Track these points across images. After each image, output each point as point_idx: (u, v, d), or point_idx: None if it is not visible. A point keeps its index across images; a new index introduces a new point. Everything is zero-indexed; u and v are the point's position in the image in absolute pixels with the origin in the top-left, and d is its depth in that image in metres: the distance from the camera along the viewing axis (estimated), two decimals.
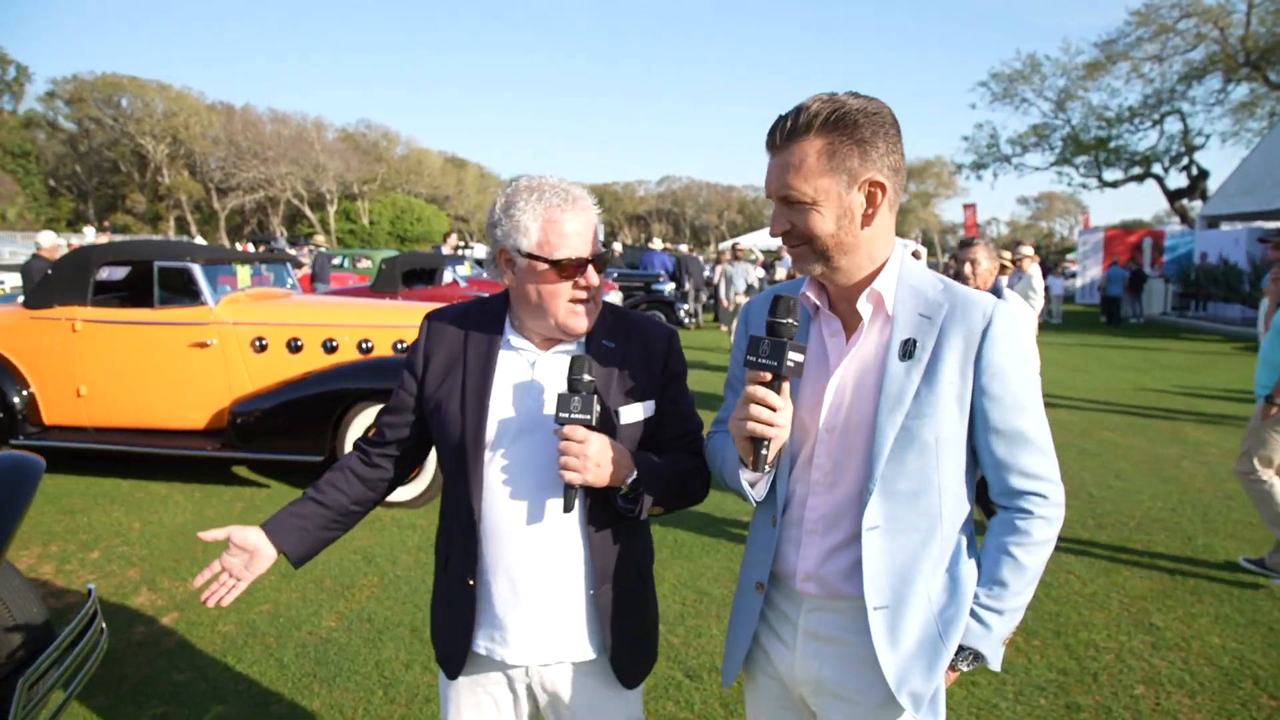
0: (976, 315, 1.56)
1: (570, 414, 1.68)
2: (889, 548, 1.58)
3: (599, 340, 1.86)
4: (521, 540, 1.80)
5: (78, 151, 63.15)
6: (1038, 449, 1.59)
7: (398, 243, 54.90)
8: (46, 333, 6.46)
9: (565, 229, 1.74)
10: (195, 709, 3.40)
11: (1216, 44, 31.59)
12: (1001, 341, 1.55)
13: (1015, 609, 1.62)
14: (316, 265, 16.77)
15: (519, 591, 1.81)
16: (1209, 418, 9.65)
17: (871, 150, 1.51)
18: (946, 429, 1.56)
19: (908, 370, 1.55)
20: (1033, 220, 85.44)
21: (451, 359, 1.87)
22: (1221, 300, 22.63)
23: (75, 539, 5.34)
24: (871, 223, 1.55)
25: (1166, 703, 3.52)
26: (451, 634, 1.88)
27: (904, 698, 1.58)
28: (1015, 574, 1.60)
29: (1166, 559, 5.13)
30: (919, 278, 1.62)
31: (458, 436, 1.81)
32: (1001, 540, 1.61)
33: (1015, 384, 1.56)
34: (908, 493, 1.57)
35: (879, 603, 1.58)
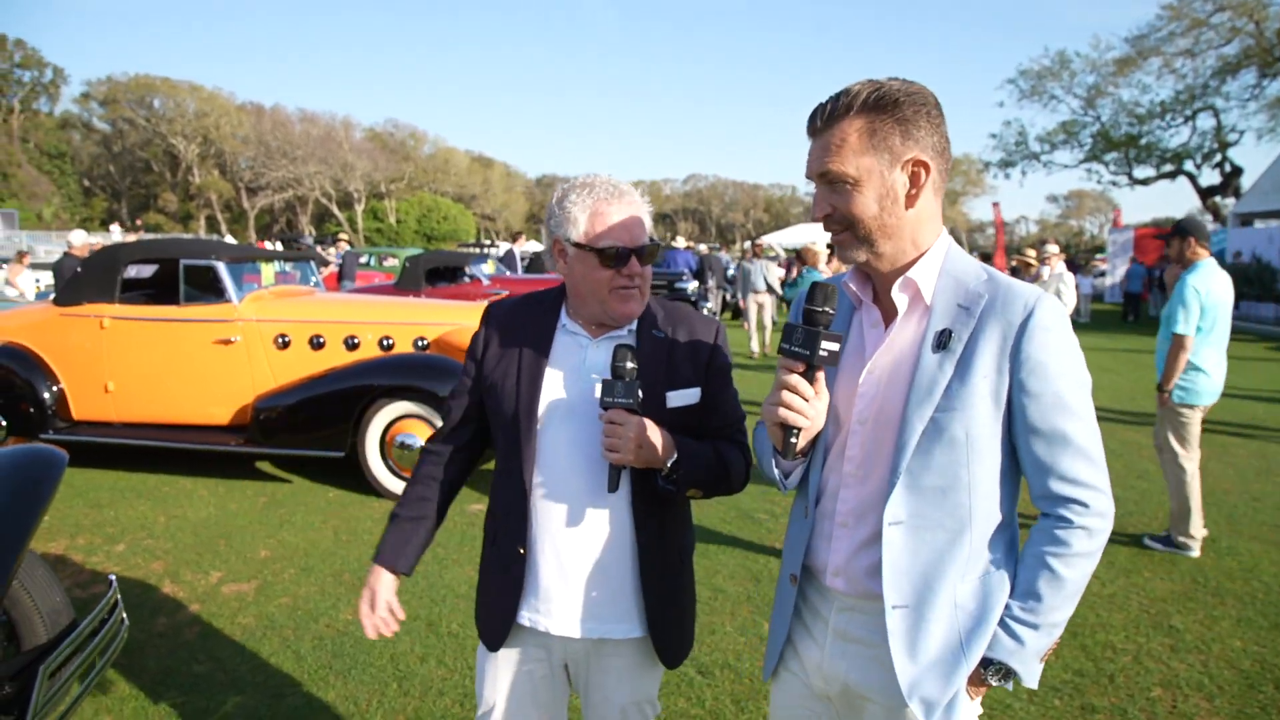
0: (1017, 307, 1.48)
1: (614, 398, 1.76)
2: (912, 545, 1.53)
3: (648, 329, 1.95)
4: (569, 514, 1.89)
5: (111, 152, 64.26)
6: (1080, 452, 1.49)
7: (424, 241, 55.32)
8: (76, 329, 6.58)
9: (611, 220, 1.84)
10: (213, 699, 3.46)
11: (1251, 38, 30.97)
12: (1042, 335, 1.47)
13: (1053, 624, 1.52)
14: (344, 264, 16.94)
15: (565, 564, 1.90)
16: (1237, 419, 9.50)
17: (914, 129, 1.48)
18: (978, 425, 1.49)
19: (940, 362, 1.50)
20: (1062, 219, 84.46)
21: (509, 342, 1.97)
22: (1254, 299, 22.25)
23: (102, 532, 5.44)
24: (915, 204, 1.52)
25: (1184, 705, 3.48)
26: (498, 603, 1.96)
27: (914, 703, 1.53)
28: (1052, 587, 1.50)
29: (1188, 561, 5.06)
30: (962, 267, 1.57)
31: (512, 412, 1.91)
32: (1039, 550, 1.52)
33: (1056, 381, 1.47)
34: (935, 489, 1.51)
35: (897, 601, 1.53)
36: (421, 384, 5.98)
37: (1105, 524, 1.52)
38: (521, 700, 2.02)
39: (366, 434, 6.10)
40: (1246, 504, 6.21)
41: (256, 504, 6.02)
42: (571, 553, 1.90)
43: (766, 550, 5.16)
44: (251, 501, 6.07)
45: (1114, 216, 34.81)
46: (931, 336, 1.52)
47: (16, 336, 6.69)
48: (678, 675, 3.65)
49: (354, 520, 5.66)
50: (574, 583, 1.90)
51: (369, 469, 6.15)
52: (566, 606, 1.91)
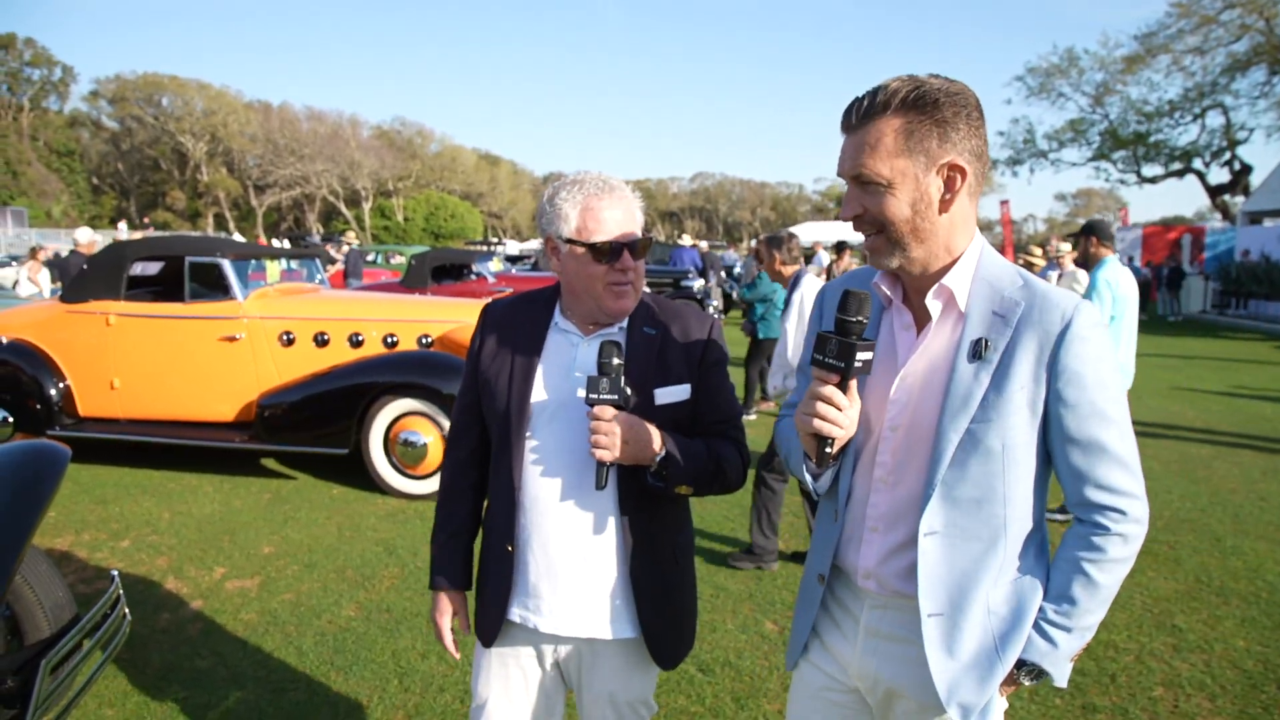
0: (1055, 316, 1.46)
1: (600, 395, 1.76)
2: (948, 555, 1.53)
3: (640, 326, 1.95)
4: (557, 511, 1.89)
5: (120, 150, 64.54)
6: (1117, 461, 1.48)
7: (431, 239, 55.42)
8: (82, 326, 6.62)
9: (602, 216, 1.84)
10: (215, 694, 3.47)
11: (1261, 35, 30.76)
12: (1079, 345, 1.45)
13: (1086, 627, 1.54)
14: (350, 262, 16.96)
15: (554, 562, 1.89)
16: (1244, 419, 9.46)
17: (952, 132, 1.44)
18: (1015, 436, 1.47)
19: (976, 372, 1.48)
20: (1070, 217, 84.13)
21: (503, 341, 1.98)
22: (1263, 298, 22.15)
23: (107, 528, 5.47)
24: (949, 209, 1.48)
25: (1186, 705, 3.47)
26: (491, 600, 1.97)
27: (953, 708, 1.53)
28: (1087, 591, 1.51)
29: (1193, 560, 5.05)
30: (998, 273, 1.53)
31: (503, 411, 1.92)
32: (1074, 555, 1.52)
33: (1093, 391, 1.46)
34: (970, 500, 1.51)
35: (933, 610, 1.53)
36: (425, 381, 5.99)
37: (1141, 530, 1.52)
38: (514, 697, 2.02)
39: (370, 431, 6.12)
40: (1253, 504, 6.18)
41: (261, 500, 6.04)
42: (560, 551, 1.89)
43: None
44: (256, 498, 6.10)
45: (1121, 215, 34.66)
46: (967, 345, 1.50)
47: (23, 333, 6.72)
48: (678, 673, 3.65)
49: (357, 517, 5.68)
50: (563, 581, 1.90)
51: (373, 466, 6.16)
52: (556, 605, 1.91)
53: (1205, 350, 16.23)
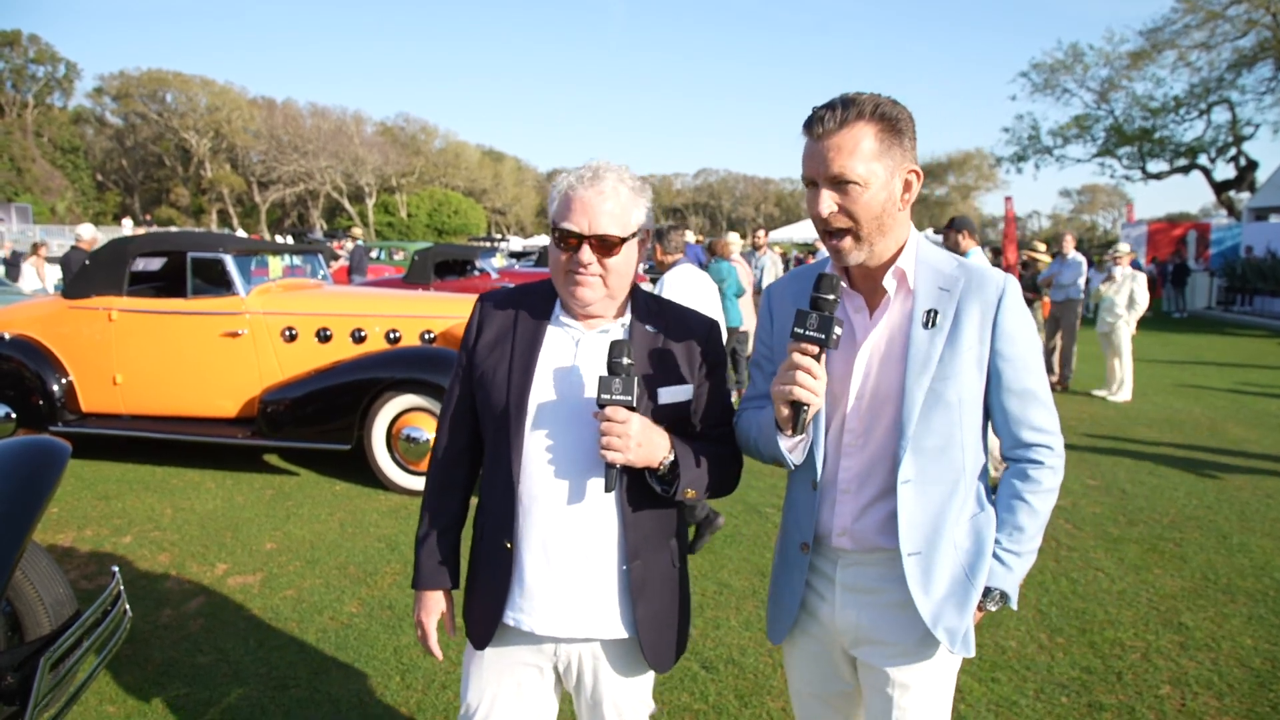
0: (991, 287, 1.72)
1: (612, 395, 1.73)
2: (920, 499, 1.74)
3: (640, 323, 1.93)
4: (557, 510, 1.85)
5: (124, 146, 64.57)
6: (1044, 405, 1.77)
7: (435, 235, 55.42)
8: (84, 322, 6.61)
9: (574, 204, 1.82)
10: (217, 691, 3.46)
11: (1268, 30, 30.64)
12: (1013, 310, 1.72)
13: (1030, 551, 1.80)
14: (354, 258, 16.95)
15: (551, 561, 1.86)
16: (1252, 415, 9.42)
17: (908, 141, 1.69)
18: (968, 389, 1.72)
19: (931, 338, 1.71)
20: (1075, 213, 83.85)
21: (501, 332, 1.94)
22: (1269, 294, 22.06)
23: (109, 523, 5.46)
24: (906, 207, 1.73)
25: (1193, 704, 3.45)
26: (483, 600, 1.93)
27: (940, 633, 1.74)
28: (1030, 518, 1.77)
29: (1199, 558, 5.01)
30: (935, 257, 1.78)
31: (502, 405, 1.88)
32: (1017, 488, 1.79)
33: (1023, 347, 1.73)
34: (935, 449, 1.73)
35: (912, 549, 1.74)
36: (428, 377, 5.97)
37: (1063, 462, 1.82)
38: (506, 703, 1.97)
39: (373, 427, 6.10)
40: (1259, 501, 6.14)
41: (263, 496, 6.03)
42: (558, 549, 1.86)
43: (772, 545, 5.12)
44: (258, 494, 6.08)
45: (1127, 211, 34.55)
46: (920, 315, 1.72)
47: (26, 329, 6.72)
48: (681, 670, 3.63)
49: (360, 513, 5.66)
50: (561, 580, 1.87)
51: (375, 462, 6.15)
52: (553, 605, 1.88)
53: (1211, 347, 16.17)
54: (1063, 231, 17.06)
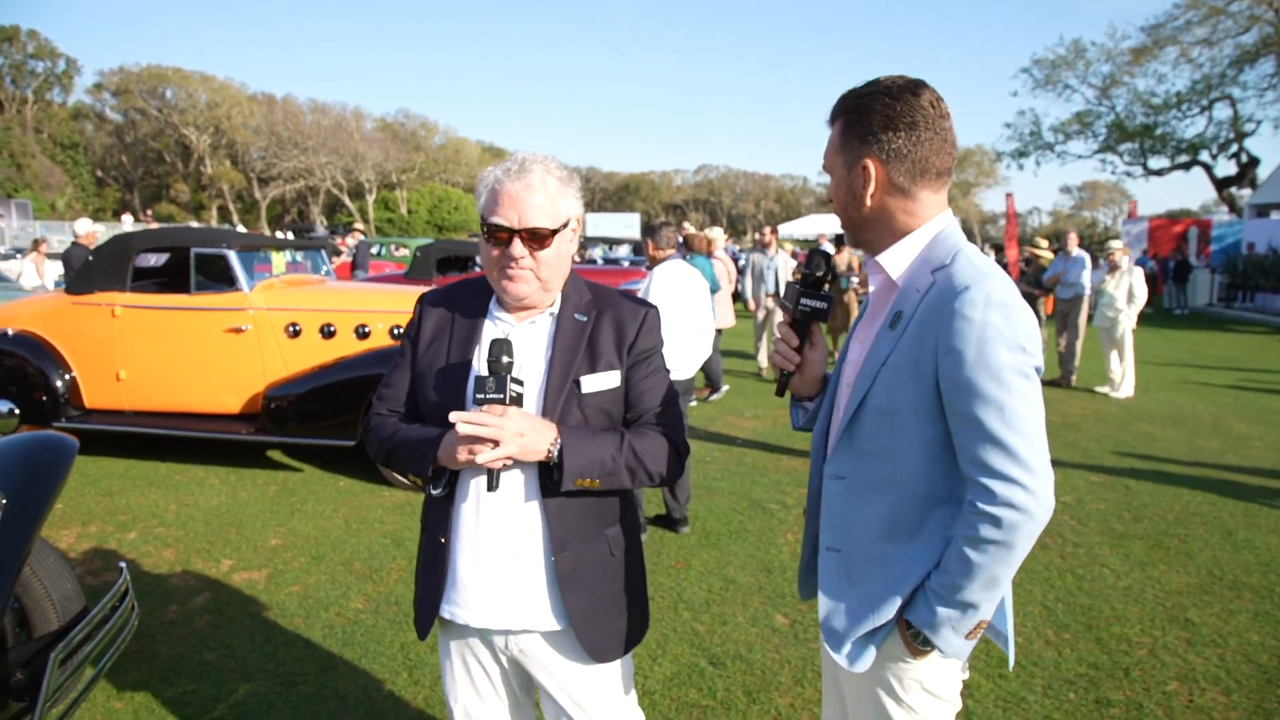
0: (947, 293, 1.51)
1: (486, 395, 1.74)
2: (850, 499, 1.67)
3: (570, 313, 1.93)
4: (485, 504, 1.86)
5: (124, 142, 64.43)
6: (992, 441, 1.46)
7: (435, 231, 55.39)
8: (87, 318, 6.60)
9: (502, 198, 1.80)
10: (224, 687, 3.45)
11: (1270, 26, 30.57)
12: (959, 323, 1.47)
13: (966, 604, 1.52)
14: (357, 254, 16.95)
15: (480, 555, 1.88)
16: (1255, 411, 9.41)
17: (868, 133, 1.60)
18: (904, 400, 1.56)
19: (888, 340, 1.61)
20: (1075, 210, 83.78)
21: (439, 330, 1.95)
22: (1270, 291, 22.04)
23: (113, 520, 5.46)
24: (871, 200, 1.64)
25: (1201, 700, 3.44)
26: (423, 593, 1.97)
27: (824, 632, 1.68)
28: (961, 566, 1.50)
29: (1205, 554, 5.01)
30: (938, 253, 1.60)
31: (436, 400, 1.89)
32: (957, 530, 1.53)
33: (972, 369, 1.47)
34: (870, 454, 1.64)
35: (830, 544, 1.71)
36: None
37: (1018, 516, 1.45)
38: (484, 694, 2.03)
39: None
40: (1264, 497, 6.14)
41: (267, 492, 6.02)
42: (484, 542, 1.87)
43: (778, 541, 5.13)
44: (262, 490, 6.08)
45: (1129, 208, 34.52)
46: (890, 315, 1.64)
47: (29, 325, 6.71)
48: (689, 666, 3.63)
49: (364, 509, 5.66)
50: (488, 573, 1.88)
51: None
52: (483, 598, 1.89)
53: (1212, 344, 16.17)
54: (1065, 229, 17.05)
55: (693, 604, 4.23)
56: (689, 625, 4.01)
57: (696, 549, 5.00)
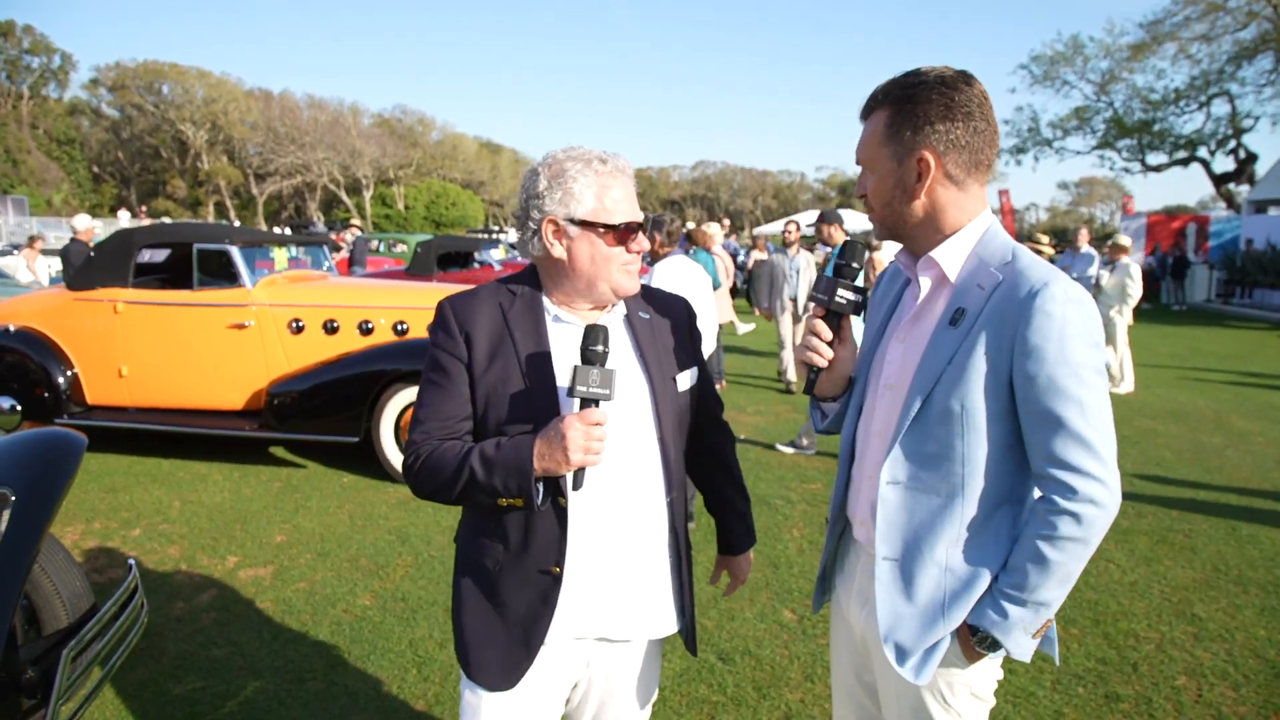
0: (1023, 290, 1.50)
1: (589, 387, 1.59)
2: (908, 504, 1.62)
3: (635, 311, 1.86)
4: (610, 518, 1.75)
5: (120, 138, 64.27)
6: (1073, 436, 1.47)
7: (433, 227, 55.24)
8: (89, 314, 6.58)
9: (617, 194, 1.74)
10: (233, 684, 3.45)
11: (1269, 22, 30.52)
12: (1040, 319, 1.47)
13: (1039, 603, 1.53)
14: (354, 250, 16.91)
15: (609, 573, 1.77)
16: (1256, 407, 9.42)
17: (924, 124, 1.54)
18: (973, 400, 1.53)
19: (949, 338, 1.56)
20: (1073, 206, 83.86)
21: (496, 340, 1.75)
22: (1269, 287, 22.06)
23: (117, 516, 5.44)
24: (924, 195, 1.58)
25: (1209, 694, 3.45)
26: (517, 635, 1.74)
27: (888, 647, 1.61)
28: (1037, 567, 1.51)
29: (1209, 549, 5.02)
30: (993, 250, 1.60)
31: (530, 418, 1.70)
32: (1030, 529, 1.54)
33: (1051, 366, 1.46)
34: (931, 455, 1.59)
35: (887, 554, 1.64)
36: None
37: (1098, 511, 1.49)
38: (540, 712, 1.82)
39: (381, 419, 6.09)
40: (1267, 492, 6.15)
41: (271, 489, 6.01)
42: (616, 558, 1.77)
43: (784, 537, 5.13)
44: (266, 486, 6.07)
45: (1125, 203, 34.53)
46: (949, 313, 1.59)
47: (30, 321, 6.68)
48: (699, 663, 3.63)
49: (369, 505, 5.65)
50: (618, 590, 1.78)
51: (383, 454, 6.13)
52: (607, 616, 1.78)
53: (1212, 340, 16.18)
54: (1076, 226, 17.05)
55: (700, 600, 4.23)
56: (697, 622, 4.01)
57: (702, 545, 4.97)
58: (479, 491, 1.66)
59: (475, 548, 1.80)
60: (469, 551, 1.82)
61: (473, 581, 1.80)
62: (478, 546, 1.79)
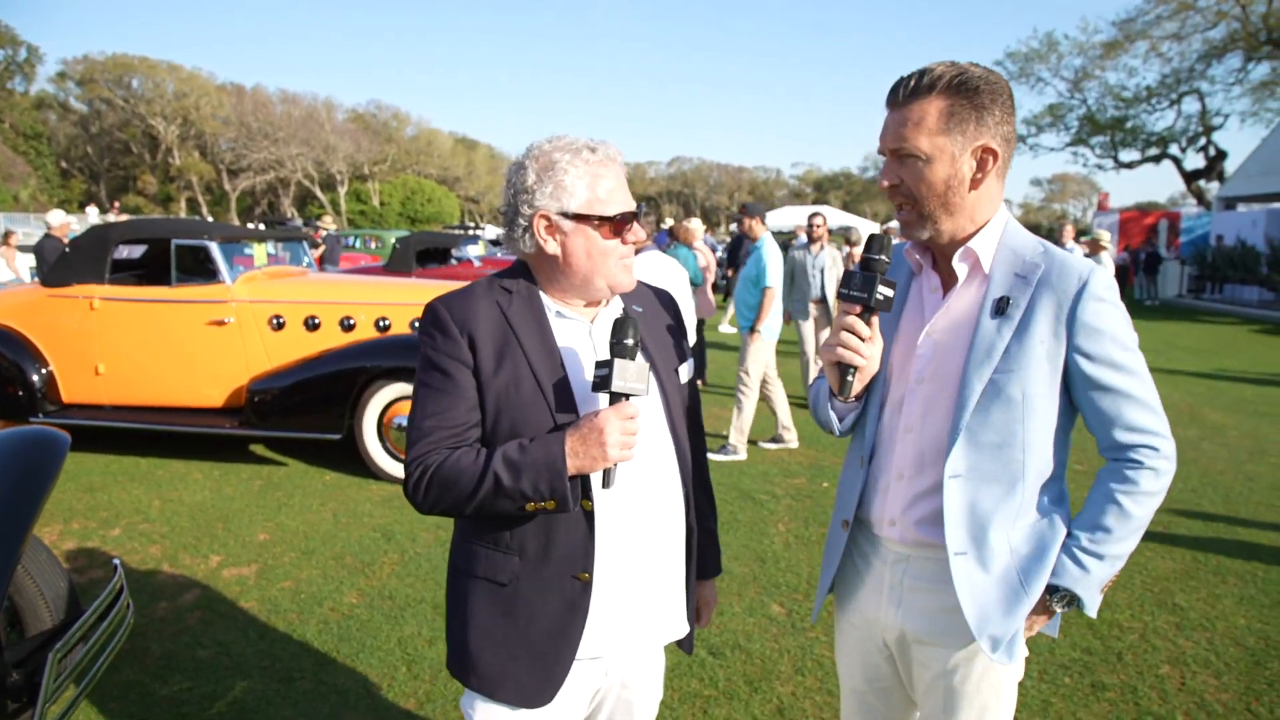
0: (1072, 278, 1.58)
1: (627, 382, 1.55)
2: (971, 495, 1.64)
3: (630, 304, 1.81)
4: (635, 520, 1.70)
5: (89, 133, 63.29)
6: (1141, 404, 1.60)
7: (408, 223, 54.96)
8: (65, 311, 6.47)
9: (610, 184, 1.68)
10: (220, 684, 3.41)
11: (1238, 21, 31.04)
12: (1094, 303, 1.57)
13: (1116, 555, 1.64)
14: (328, 247, 16.73)
15: (634, 577, 1.71)
16: (1229, 401, 9.57)
17: (988, 116, 1.57)
18: (1034, 386, 1.59)
19: (999, 327, 1.60)
20: (1046, 202, 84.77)
21: (500, 340, 1.66)
22: (1239, 282, 22.42)
23: (96, 516, 5.36)
24: (979, 187, 1.61)
25: (1192, 682, 3.50)
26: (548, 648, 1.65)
27: (984, 639, 1.64)
28: (1120, 521, 1.62)
29: (1188, 540, 5.09)
30: (1020, 240, 1.66)
31: (546, 421, 1.63)
32: (1109, 488, 1.63)
33: (1110, 344, 1.58)
34: (991, 444, 1.62)
35: (959, 549, 1.64)
36: None
37: (1170, 466, 1.63)
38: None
39: (364, 416, 6.04)
40: (1242, 484, 6.25)
41: (252, 487, 5.95)
42: (642, 562, 1.71)
43: (770, 531, 5.15)
44: (247, 485, 6.01)
45: (1101, 199, 34.95)
46: (990, 303, 1.62)
47: (4, 318, 6.56)
48: (689, 657, 3.61)
49: (353, 503, 5.61)
50: (642, 594, 1.72)
51: (366, 451, 6.09)
52: (633, 621, 1.72)
53: (1184, 334, 16.41)
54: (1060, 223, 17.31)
55: None
56: None
57: None
58: (504, 498, 1.56)
59: (481, 561, 1.69)
60: (472, 566, 1.70)
61: (482, 597, 1.69)
62: (486, 560, 1.68)
